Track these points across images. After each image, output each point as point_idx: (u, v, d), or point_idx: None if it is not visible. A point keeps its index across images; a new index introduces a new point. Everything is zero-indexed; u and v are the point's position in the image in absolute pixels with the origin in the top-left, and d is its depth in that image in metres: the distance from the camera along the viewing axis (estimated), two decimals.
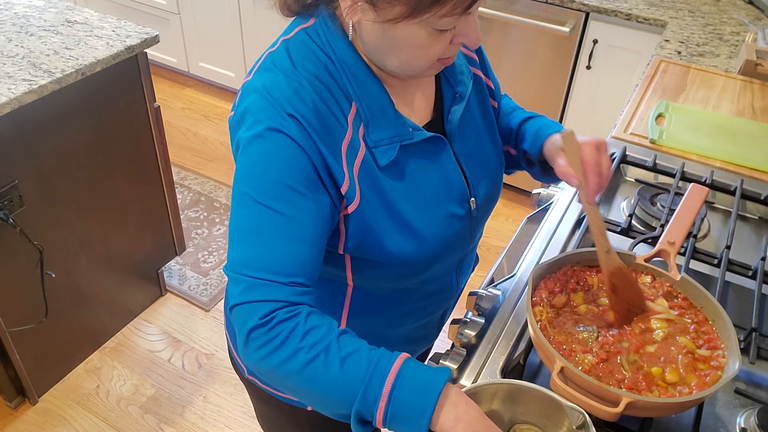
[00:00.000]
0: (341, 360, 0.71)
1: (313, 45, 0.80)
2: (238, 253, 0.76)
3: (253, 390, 1.11)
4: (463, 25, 0.76)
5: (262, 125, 0.76)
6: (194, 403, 2.03)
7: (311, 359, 0.71)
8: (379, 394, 0.70)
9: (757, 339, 0.98)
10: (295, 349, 0.71)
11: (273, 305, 0.73)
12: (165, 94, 3.52)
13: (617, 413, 0.76)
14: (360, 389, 0.70)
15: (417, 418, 0.70)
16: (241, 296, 0.74)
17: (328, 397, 0.72)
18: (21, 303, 1.78)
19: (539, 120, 1.00)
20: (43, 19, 1.88)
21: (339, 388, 0.71)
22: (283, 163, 0.75)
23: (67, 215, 1.83)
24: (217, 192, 2.87)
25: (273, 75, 0.79)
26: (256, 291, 0.74)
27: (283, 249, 0.75)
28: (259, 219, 0.75)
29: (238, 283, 0.75)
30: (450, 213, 0.89)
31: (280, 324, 0.72)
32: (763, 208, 1.29)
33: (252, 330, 0.73)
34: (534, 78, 2.52)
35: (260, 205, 0.75)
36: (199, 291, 2.39)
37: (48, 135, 1.69)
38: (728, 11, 2.25)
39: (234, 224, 0.77)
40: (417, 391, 0.70)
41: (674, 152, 1.42)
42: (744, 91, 1.69)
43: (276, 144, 0.75)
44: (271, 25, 3.01)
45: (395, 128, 0.82)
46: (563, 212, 1.23)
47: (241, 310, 0.74)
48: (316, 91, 0.78)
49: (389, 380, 0.70)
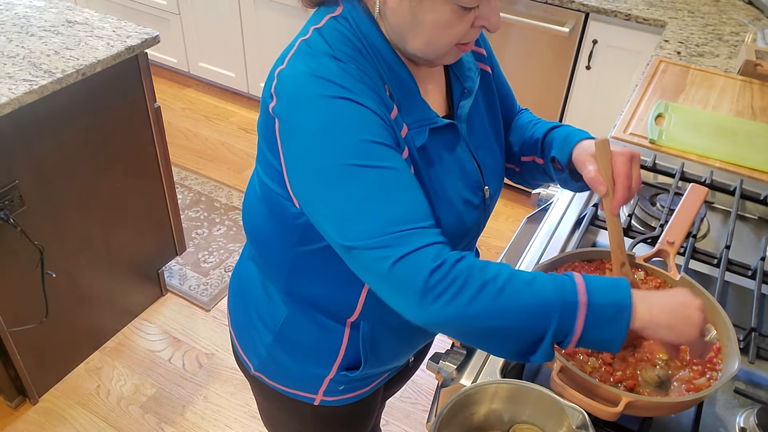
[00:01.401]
0: (528, 284, 0.72)
1: (345, 30, 0.81)
2: (373, 220, 0.74)
3: (258, 387, 1.12)
4: (486, 7, 0.78)
5: (323, 97, 0.75)
6: (195, 403, 2.03)
7: (500, 289, 0.71)
8: (576, 305, 0.71)
9: (756, 339, 0.98)
10: (481, 283, 0.71)
11: (435, 248, 0.72)
12: (165, 94, 3.52)
13: (617, 413, 0.76)
14: (557, 306, 0.71)
15: (618, 316, 0.72)
16: (397, 251, 0.72)
17: (523, 325, 0.72)
18: (21, 303, 1.79)
19: (567, 127, 0.99)
20: (43, 20, 1.88)
21: (535, 311, 0.71)
22: (360, 123, 0.75)
23: (68, 215, 1.83)
24: (218, 192, 2.87)
25: (314, 58, 0.79)
26: (409, 241, 0.72)
27: (409, 198, 0.75)
28: (374, 180, 0.74)
29: (386, 245, 0.72)
30: (467, 200, 0.91)
31: (456, 264, 0.72)
32: (762, 208, 1.29)
33: (430, 275, 0.71)
34: (534, 78, 2.52)
35: (363, 168, 0.74)
36: (199, 291, 2.39)
37: (48, 135, 1.69)
38: (728, 11, 2.25)
39: (342, 197, 0.75)
40: (611, 293, 0.72)
41: (674, 152, 1.43)
42: (743, 91, 1.69)
43: (345, 108, 0.75)
44: (272, 25, 3.01)
45: (422, 112, 0.84)
46: (563, 212, 1.23)
47: (405, 263, 0.72)
48: (360, 69, 0.79)
49: (581, 290, 0.72)
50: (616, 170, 0.84)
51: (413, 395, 2.09)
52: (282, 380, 1.05)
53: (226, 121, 3.35)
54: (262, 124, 0.85)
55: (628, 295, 0.73)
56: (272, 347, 1.02)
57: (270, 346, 1.02)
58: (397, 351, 1.04)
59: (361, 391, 1.07)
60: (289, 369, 1.03)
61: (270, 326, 1.01)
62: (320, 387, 1.03)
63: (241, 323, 1.08)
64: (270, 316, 1.01)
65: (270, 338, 1.02)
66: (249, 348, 1.07)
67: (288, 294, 0.97)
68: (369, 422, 1.21)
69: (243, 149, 3.15)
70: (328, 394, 1.04)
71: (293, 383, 1.05)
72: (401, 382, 1.28)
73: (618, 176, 0.84)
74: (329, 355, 1.00)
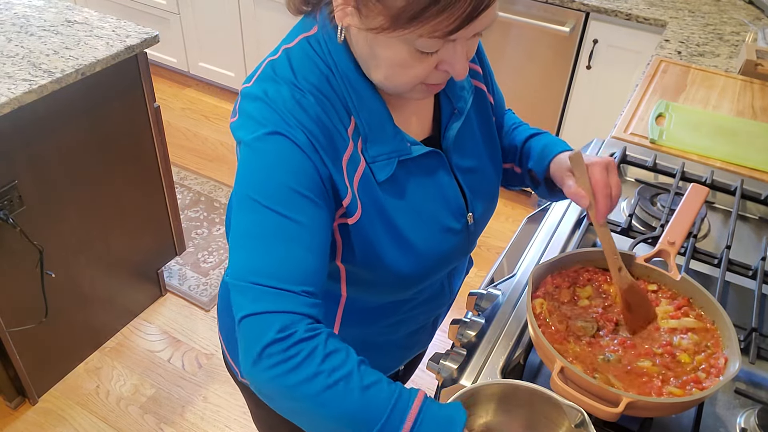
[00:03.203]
0: (362, 389, 0.68)
1: (314, 55, 0.78)
2: (245, 261, 0.72)
3: (248, 393, 1.11)
4: (448, 53, 0.72)
5: (267, 129, 0.74)
6: (194, 403, 2.03)
7: (331, 384, 0.67)
8: (400, 428, 0.68)
9: (757, 339, 0.98)
10: (314, 371, 0.67)
11: (289, 317, 0.69)
12: (165, 94, 3.52)
13: (617, 413, 0.76)
14: (380, 421, 0.67)
15: None
16: (252, 306, 0.70)
17: (342, 426, 0.68)
18: (21, 303, 1.78)
19: (544, 137, 0.98)
20: (42, 19, 1.88)
21: (357, 417, 0.68)
22: (291, 168, 0.73)
23: (67, 215, 1.83)
24: (217, 192, 2.87)
25: (275, 85, 0.77)
26: (268, 300, 0.69)
27: (294, 256, 0.71)
28: (267, 224, 0.72)
29: (246, 292, 0.71)
30: (447, 227, 0.88)
31: (300, 343, 0.68)
32: (763, 208, 1.29)
33: (269, 345, 0.68)
34: (534, 78, 2.52)
35: (268, 210, 0.72)
36: (199, 291, 2.39)
37: (48, 135, 1.69)
38: (728, 11, 2.25)
39: (238, 230, 0.74)
40: (439, 427, 0.69)
41: (674, 152, 1.42)
42: (744, 91, 1.69)
43: (283, 148, 0.73)
44: (271, 25, 3.01)
45: (393, 143, 0.80)
46: (563, 212, 1.23)
47: (253, 322, 0.69)
48: (319, 103, 0.76)
49: (411, 414, 0.68)
50: (593, 181, 0.85)
51: None
52: None
53: (225, 121, 3.35)
54: None
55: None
56: None
57: None
58: (383, 364, 1.04)
59: None
60: None
61: None
62: None
63: (229, 329, 1.06)
64: None
65: None
66: (236, 354, 1.06)
67: None
68: None
69: None
70: None
71: None
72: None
73: (597, 186, 0.85)
74: None
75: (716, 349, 0.86)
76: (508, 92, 2.59)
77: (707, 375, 0.83)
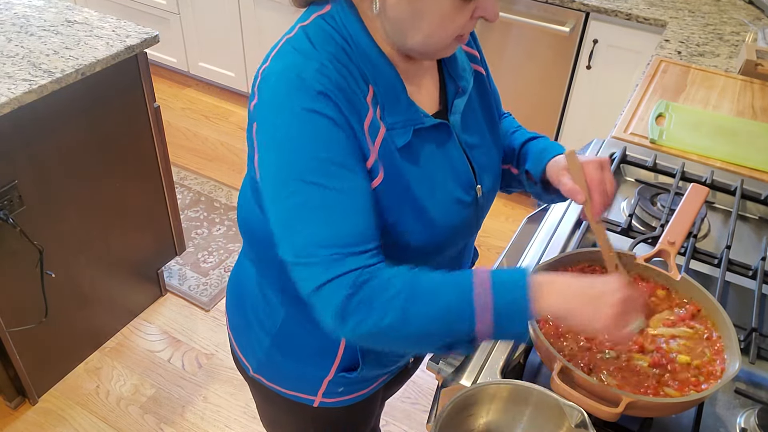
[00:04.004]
0: (432, 293, 0.75)
1: (330, 29, 0.81)
2: (305, 237, 0.76)
3: (256, 388, 1.11)
4: None
5: (294, 107, 0.76)
6: (194, 403, 2.03)
7: (404, 304, 0.74)
8: (481, 308, 0.74)
9: (757, 339, 0.98)
10: (388, 298, 0.74)
11: (357, 273, 0.75)
12: (165, 94, 3.52)
13: (617, 413, 0.76)
14: (460, 311, 0.74)
15: (521, 312, 0.75)
16: (323, 275, 0.75)
17: (432, 332, 0.75)
18: (21, 303, 1.78)
19: (542, 141, 1.01)
20: (42, 19, 1.88)
21: (440, 319, 0.74)
22: (324, 140, 0.76)
23: (67, 215, 1.83)
24: (217, 192, 2.87)
25: (294, 57, 0.79)
26: (336, 266, 0.75)
27: (348, 222, 0.77)
28: (315, 198, 0.76)
29: (312, 265, 0.76)
30: (458, 199, 0.91)
31: (365, 285, 0.75)
32: (763, 208, 1.29)
33: (346, 304, 0.74)
34: (534, 78, 2.52)
35: (312, 185, 0.76)
36: (199, 291, 2.39)
37: (48, 135, 1.69)
38: (728, 11, 2.25)
39: (286, 211, 0.77)
40: (511, 290, 0.75)
41: (674, 152, 1.42)
42: (744, 91, 1.69)
43: (313, 123, 0.76)
44: (271, 25, 3.01)
45: (408, 113, 0.84)
46: (563, 212, 1.23)
47: (327, 289, 0.75)
48: (339, 71, 0.79)
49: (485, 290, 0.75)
50: (589, 178, 0.87)
51: (413, 395, 2.09)
52: (280, 382, 1.05)
53: (225, 121, 3.35)
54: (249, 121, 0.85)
55: (525, 291, 0.75)
56: (270, 350, 1.02)
57: (268, 348, 1.02)
58: (394, 353, 1.04)
59: (360, 393, 1.07)
60: (288, 371, 1.03)
61: (268, 329, 1.01)
62: (319, 389, 1.03)
63: (239, 325, 1.08)
64: (268, 319, 1.01)
65: (268, 341, 1.01)
66: (247, 350, 1.07)
67: (285, 294, 0.96)
68: (369, 423, 1.20)
69: (243, 149, 3.15)
70: (327, 395, 1.04)
71: (292, 385, 1.04)
72: (401, 382, 1.28)
73: (592, 183, 0.87)
74: (327, 357, 0.99)
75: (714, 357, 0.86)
76: (509, 92, 2.60)
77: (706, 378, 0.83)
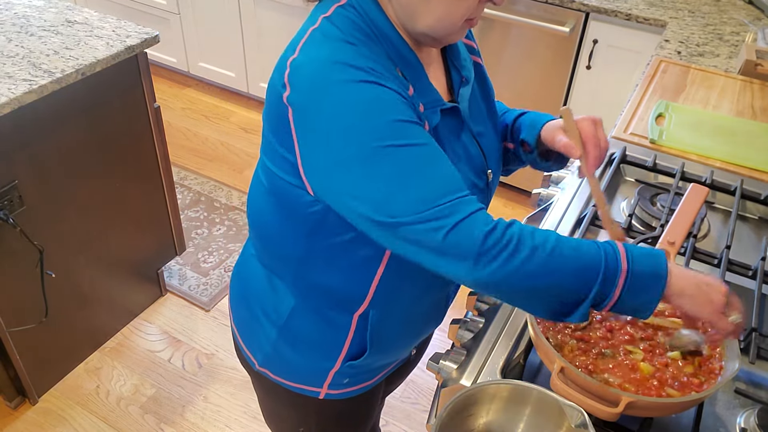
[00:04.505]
0: (574, 249, 0.76)
1: (354, 17, 0.82)
2: (414, 196, 0.75)
3: (261, 382, 1.11)
4: None
5: (346, 82, 0.76)
6: (194, 403, 2.03)
7: (549, 253, 0.75)
8: (617, 271, 0.75)
9: (757, 339, 0.98)
10: (531, 246, 0.75)
11: (482, 213, 0.76)
12: (165, 94, 3.52)
13: (617, 413, 0.76)
14: (600, 271, 0.75)
15: (654, 284, 0.76)
16: (449, 220, 0.75)
17: (568, 287, 0.76)
18: (21, 303, 1.78)
19: (531, 113, 1.05)
20: (43, 19, 1.88)
21: (579, 274, 0.75)
22: (386, 103, 0.76)
23: (67, 215, 1.83)
24: (217, 192, 2.87)
25: (329, 43, 0.79)
26: (458, 210, 0.75)
27: (446, 170, 0.78)
28: (407, 158, 0.76)
29: (436, 217, 0.75)
30: (474, 184, 0.93)
31: (508, 229, 0.75)
32: (763, 208, 1.29)
33: (485, 238, 0.74)
34: (534, 78, 2.52)
35: (398, 147, 0.75)
36: (199, 291, 2.39)
37: (48, 135, 1.69)
38: (728, 11, 2.25)
39: (384, 177, 0.75)
40: (649, 262, 0.77)
41: (674, 152, 1.42)
42: (744, 91, 1.69)
43: (368, 92, 0.76)
44: (271, 25, 3.01)
45: (432, 93, 0.86)
46: (563, 212, 1.23)
47: (460, 230, 0.74)
48: (372, 53, 0.80)
49: (623, 258, 0.76)
50: (583, 134, 0.92)
51: (413, 395, 2.09)
52: (287, 375, 1.05)
53: (226, 121, 3.35)
54: (271, 114, 0.84)
55: (665, 265, 0.77)
56: (277, 342, 1.02)
57: (275, 340, 1.02)
58: (402, 341, 1.05)
59: (364, 384, 1.08)
60: (294, 363, 1.03)
61: (274, 320, 1.01)
62: (325, 380, 1.03)
63: (245, 319, 1.08)
64: (274, 311, 1.01)
65: (275, 333, 1.02)
66: (253, 344, 1.07)
67: (297, 285, 0.97)
68: (370, 418, 1.21)
69: (243, 149, 3.15)
70: (332, 387, 1.04)
71: (298, 377, 1.05)
72: (402, 376, 1.29)
73: (587, 138, 0.92)
74: (334, 348, 1.00)
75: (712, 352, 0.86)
76: (509, 92, 2.60)
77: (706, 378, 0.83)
